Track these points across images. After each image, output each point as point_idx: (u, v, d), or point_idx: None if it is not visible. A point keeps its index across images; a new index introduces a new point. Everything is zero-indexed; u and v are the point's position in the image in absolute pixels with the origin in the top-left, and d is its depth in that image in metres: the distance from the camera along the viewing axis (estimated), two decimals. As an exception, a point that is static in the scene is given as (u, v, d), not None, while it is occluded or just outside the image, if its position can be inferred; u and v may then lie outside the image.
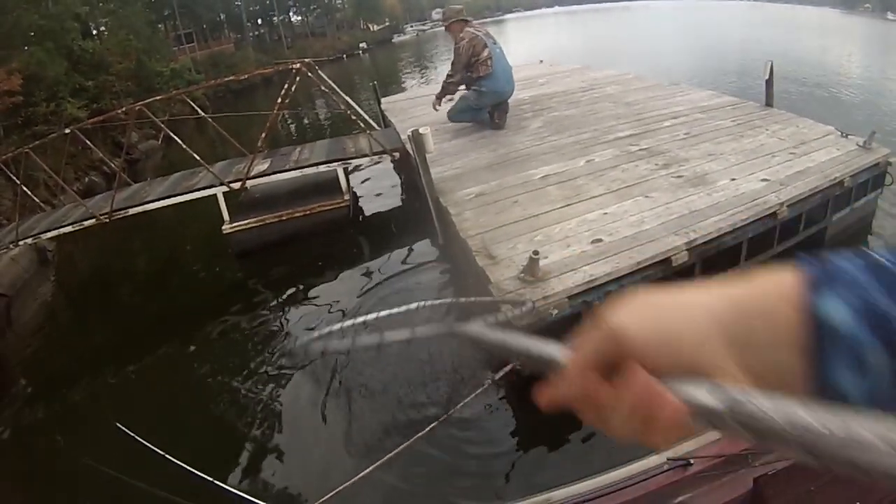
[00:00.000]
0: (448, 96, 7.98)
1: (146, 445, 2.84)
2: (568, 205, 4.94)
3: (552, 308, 3.70)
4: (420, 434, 3.14)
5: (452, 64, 7.62)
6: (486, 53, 7.34)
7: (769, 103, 7.44)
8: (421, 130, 5.49)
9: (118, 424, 3.14)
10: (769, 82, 7.43)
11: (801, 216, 5.03)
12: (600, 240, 4.27)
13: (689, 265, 4.25)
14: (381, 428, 4.35)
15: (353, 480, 2.93)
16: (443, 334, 0.65)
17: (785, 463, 1.98)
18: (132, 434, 2.97)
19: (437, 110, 8.11)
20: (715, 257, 4.46)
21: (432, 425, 3.20)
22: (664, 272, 4.12)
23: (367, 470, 2.94)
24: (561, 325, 3.89)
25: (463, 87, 7.77)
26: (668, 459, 2.13)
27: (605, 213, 4.69)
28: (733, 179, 5.12)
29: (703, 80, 15.64)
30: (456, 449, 4.08)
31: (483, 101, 7.67)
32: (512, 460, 3.97)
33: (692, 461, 2.09)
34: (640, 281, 4.03)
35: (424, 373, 4.88)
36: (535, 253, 3.76)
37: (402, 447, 3.05)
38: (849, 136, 5.93)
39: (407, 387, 4.77)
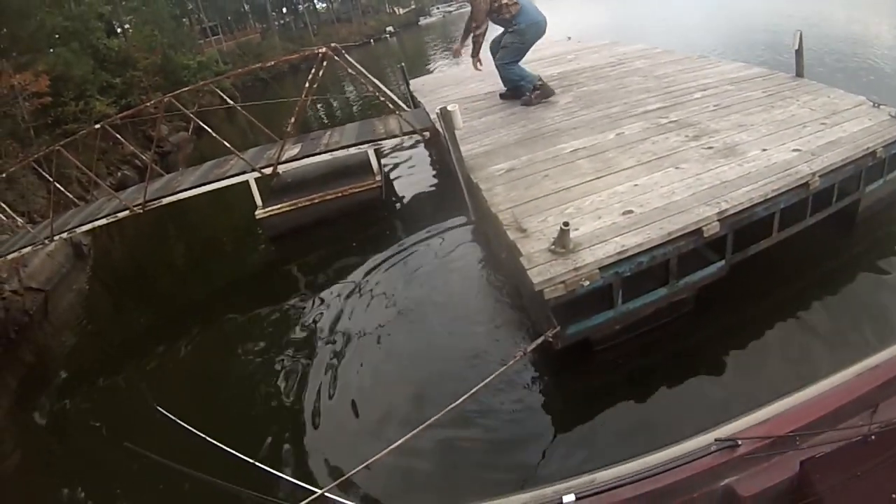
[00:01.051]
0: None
1: (185, 427, 2.91)
2: (598, 177, 4.94)
3: (584, 279, 3.72)
4: (451, 406, 3.19)
5: (472, 16, 7.52)
6: None
7: (800, 73, 7.32)
8: (449, 107, 5.50)
9: (157, 407, 3.22)
10: (799, 52, 7.30)
11: (834, 187, 4.95)
12: (631, 211, 4.27)
13: (721, 236, 4.23)
14: (416, 401, 4.42)
15: (381, 453, 2.99)
16: None
17: (832, 446, 2.02)
18: (171, 416, 3.04)
19: (479, 69, 8.16)
20: (747, 228, 4.44)
21: (463, 398, 3.25)
22: (696, 243, 4.11)
23: (395, 444, 3.01)
24: (591, 296, 3.92)
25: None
26: (716, 440, 2.13)
27: (636, 185, 4.68)
28: (764, 150, 5.06)
29: (731, 53, 15.45)
30: (490, 424, 4.14)
31: (526, 37, 7.64)
32: (549, 438, 3.99)
33: (740, 442, 2.09)
34: (672, 252, 4.03)
35: (458, 343, 4.94)
36: (566, 224, 3.77)
37: (432, 419, 3.10)
38: (881, 107, 5.82)
39: (442, 358, 4.85)
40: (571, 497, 2.05)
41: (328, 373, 5.18)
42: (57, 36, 20.88)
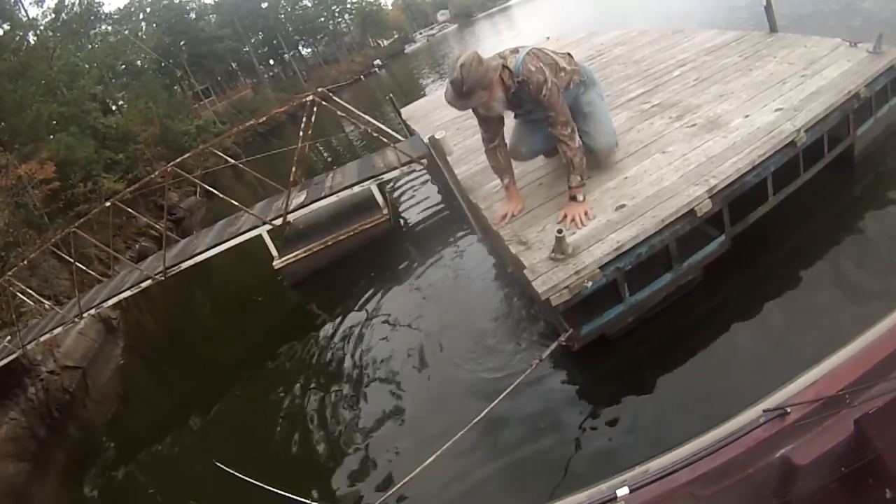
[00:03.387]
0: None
1: (245, 480, 3.05)
2: (589, 176, 4.92)
3: (586, 280, 3.83)
4: (475, 420, 3.34)
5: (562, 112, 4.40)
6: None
7: (773, 29, 7.36)
8: (437, 135, 5.61)
9: (216, 462, 3.37)
10: (768, 7, 7.37)
11: (823, 138, 4.97)
12: (624, 205, 4.35)
13: (716, 212, 4.30)
14: (447, 419, 4.47)
15: (413, 473, 3.13)
16: None
17: (885, 398, 1.93)
18: (230, 470, 3.18)
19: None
20: (742, 198, 4.49)
21: (484, 412, 3.39)
22: (691, 223, 4.19)
23: (424, 463, 3.14)
24: (598, 295, 4.03)
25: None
26: (764, 411, 2.08)
27: (626, 178, 4.76)
28: (747, 116, 5.10)
29: (717, 21, 15.46)
30: (523, 429, 4.25)
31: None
32: (584, 431, 4.06)
33: (789, 409, 2.03)
34: (669, 237, 4.12)
35: (480, 357, 5.10)
36: (560, 231, 3.89)
37: (458, 435, 3.22)
38: (858, 45, 5.83)
39: (467, 373, 5.02)
40: (625, 490, 2.03)
41: (363, 400, 5.43)
42: (55, 122, 21.50)
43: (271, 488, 2.93)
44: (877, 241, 4.71)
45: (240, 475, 3.11)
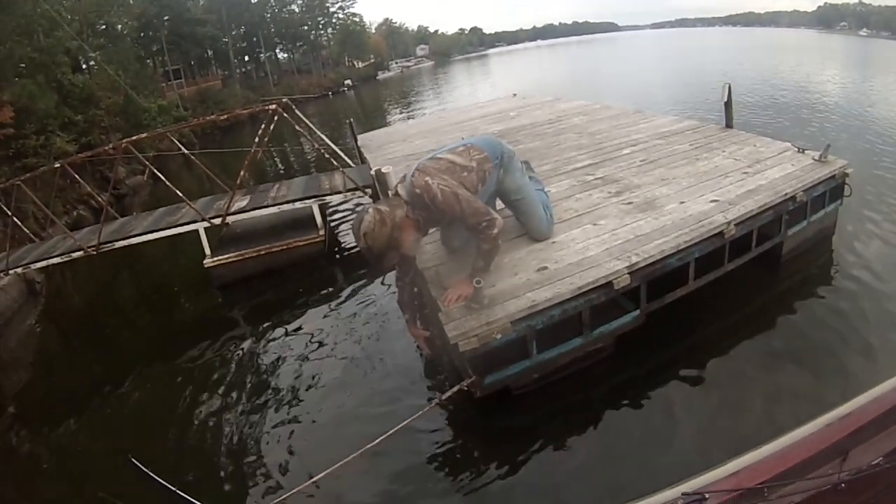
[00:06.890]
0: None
1: (156, 479, 3.02)
2: (518, 236, 5.13)
3: (496, 333, 3.94)
4: (364, 448, 3.38)
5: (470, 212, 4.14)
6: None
7: (729, 125, 7.70)
8: (384, 169, 5.69)
9: (132, 459, 3.34)
10: (728, 104, 7.71)
11: (753, 233, 5.22)
12: (546, 267, 4.49)
13: (634, 287, 4.45)
14: (342, 440, 4.45)
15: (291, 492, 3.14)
16: None
17: (802, 496, 1.95)
18: (145, 469, 3.15)
19: None
20: (661, 278, 4.66)
21: (377, 440, 3.43)
22: (607, 294, 4.33)
23: (303, 484, 3.15)
24: (506, 348, 4.14)
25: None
26: (683, 494, 2.04)
27: (554, 243, 4.91)
28: (682, 202, 5.34)
29: (685, 107, 16.08)
30: (412, 465, 4.25)
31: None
32: (464, 487, 4.01)
33: (707, 496, 2.00)
34: (584, 304, 4.26)
35: (387, 389, 5.17)
36: (478, 282, 4.01)
37: (345, 460, 3.26)
38: (805, 151, 6.19)
39: (371, 402, 5.06)
40: None
41: (265, 411, 5.37)
42: (23, 66, 20.86)
43: (173, 488, 2.93)
44: (793, 343, 4.90)
45: (153, 475, 3.10)
